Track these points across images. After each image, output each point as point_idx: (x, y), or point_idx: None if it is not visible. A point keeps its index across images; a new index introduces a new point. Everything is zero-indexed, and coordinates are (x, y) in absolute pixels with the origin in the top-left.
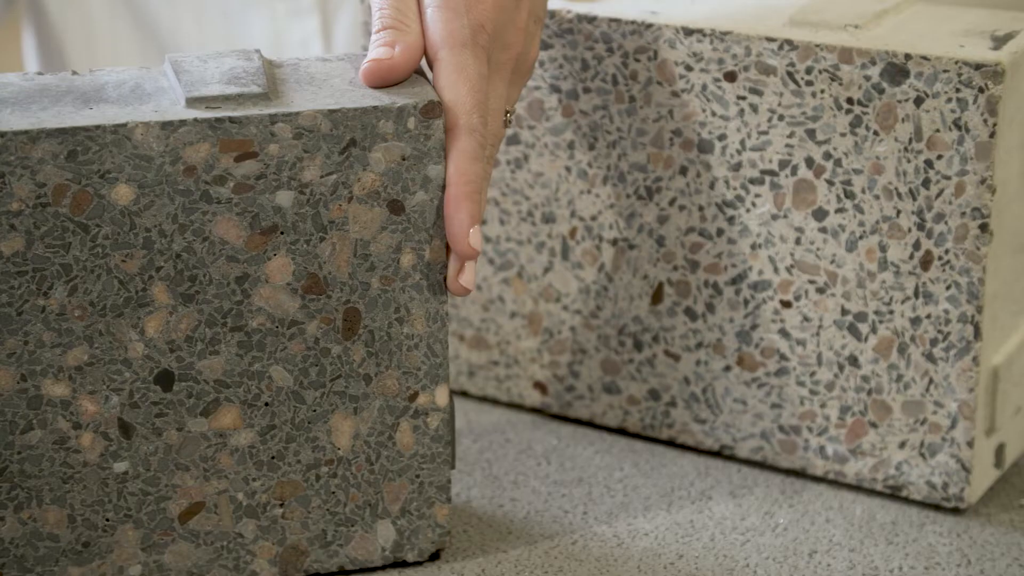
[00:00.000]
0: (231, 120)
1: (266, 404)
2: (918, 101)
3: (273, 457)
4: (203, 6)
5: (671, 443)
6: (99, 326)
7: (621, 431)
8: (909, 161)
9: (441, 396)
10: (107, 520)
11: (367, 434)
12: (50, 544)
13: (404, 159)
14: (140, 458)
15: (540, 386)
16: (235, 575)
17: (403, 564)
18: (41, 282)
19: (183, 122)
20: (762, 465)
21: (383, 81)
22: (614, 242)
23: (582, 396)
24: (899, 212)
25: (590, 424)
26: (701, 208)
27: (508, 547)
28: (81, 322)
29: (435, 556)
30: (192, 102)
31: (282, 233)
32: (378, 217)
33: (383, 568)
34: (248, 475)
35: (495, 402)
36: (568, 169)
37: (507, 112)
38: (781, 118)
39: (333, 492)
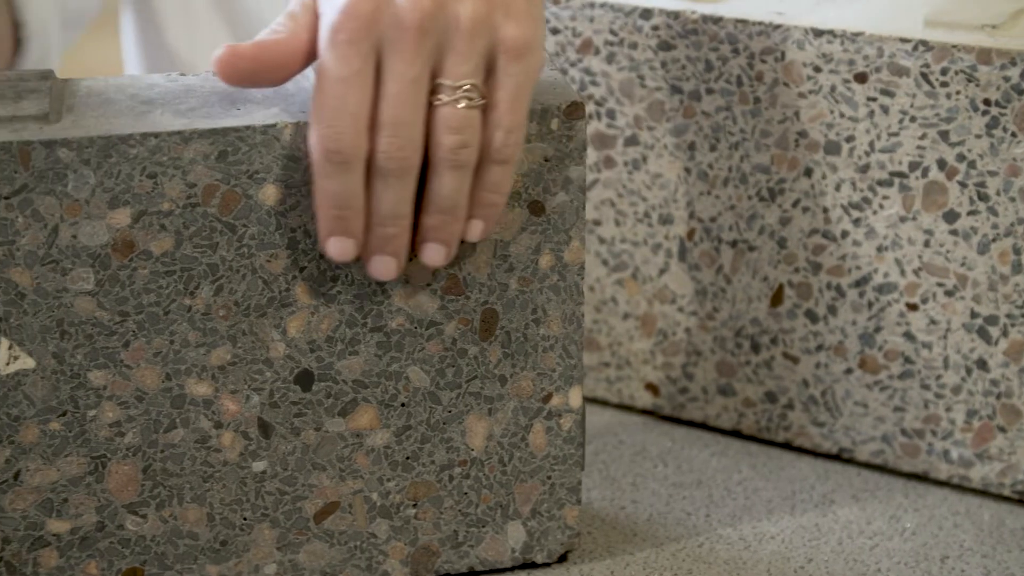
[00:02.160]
0: None
1: (402, 405)
2: None
3: (408, 457)
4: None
5: (787, 446)
6: (242, 326)
7: (735, 433)
8: None
9: (575, 397)
10: (245, 519)
11: (500, 435)
12: (189, 542)
13: (546, 160)
14: (278, 458)
15: (652, 387)
16: (367, 575)
17: (532, 565)
18: (188, 282)
19: None
20: (882, 469)
21: (230, 70)
22: (734, 244)
23: (696, 398)
24: None
25: (703, 426)
26: (825, 210)
27: (634, 549)
28: (225, 322)
29: (563, 558)
30: None
31: None
32: (519, 218)
33: (512, 569)
34: (383, 475)
35: (604, 403)
36: (688, 170)
37: (458, 87)
38: (913, 119)
39: (465, 493)
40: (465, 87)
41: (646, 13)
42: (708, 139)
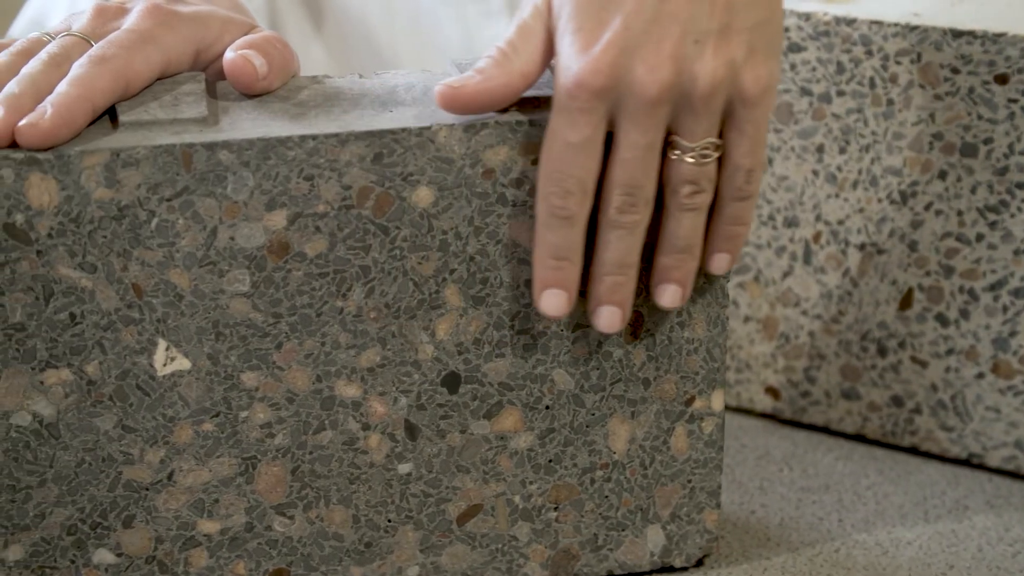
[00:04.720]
0: (531, 123)
1: (547, 407)
2: None
3: (550, 460)
4: (393, 4)
5: (913, 450)
6: (392, 328)
7: (858, 437)
8: None
9: (717, 401)
10: (389, 521)
11: (643, 438)
12: (335, 544)
13: None
14: (423, 460)
15: (772, 391)
16: None
17: (670, 569)
18: (341, 284)
19: (484, 125)
20: (1014, 475)
21: (451, 108)
22: (861, 247)
23: (818, 402)
24: None
25: (824, 430)
26: (960, 213)
27: (770, 554)
28: (376, 324)
29: (700, 562)
30: None
31: None
32: None
33: (650, 573)
34: (525, 478)
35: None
36: (815, 173)
37: (694, 147)
38: None
39: (606, 496)
40: (702, 146)
41: None
42: (837, 141)
